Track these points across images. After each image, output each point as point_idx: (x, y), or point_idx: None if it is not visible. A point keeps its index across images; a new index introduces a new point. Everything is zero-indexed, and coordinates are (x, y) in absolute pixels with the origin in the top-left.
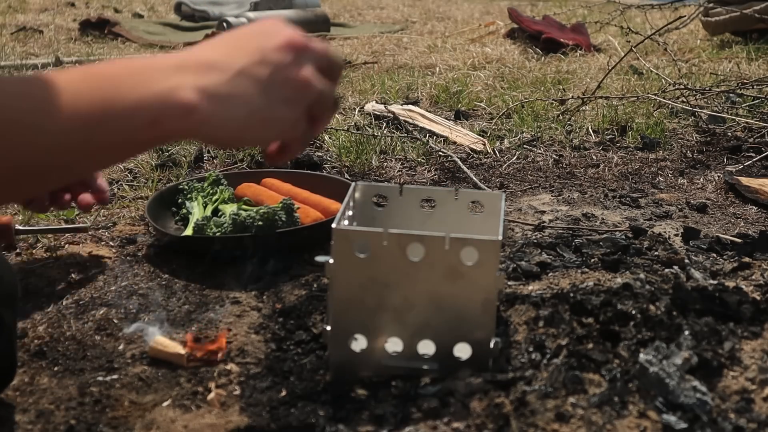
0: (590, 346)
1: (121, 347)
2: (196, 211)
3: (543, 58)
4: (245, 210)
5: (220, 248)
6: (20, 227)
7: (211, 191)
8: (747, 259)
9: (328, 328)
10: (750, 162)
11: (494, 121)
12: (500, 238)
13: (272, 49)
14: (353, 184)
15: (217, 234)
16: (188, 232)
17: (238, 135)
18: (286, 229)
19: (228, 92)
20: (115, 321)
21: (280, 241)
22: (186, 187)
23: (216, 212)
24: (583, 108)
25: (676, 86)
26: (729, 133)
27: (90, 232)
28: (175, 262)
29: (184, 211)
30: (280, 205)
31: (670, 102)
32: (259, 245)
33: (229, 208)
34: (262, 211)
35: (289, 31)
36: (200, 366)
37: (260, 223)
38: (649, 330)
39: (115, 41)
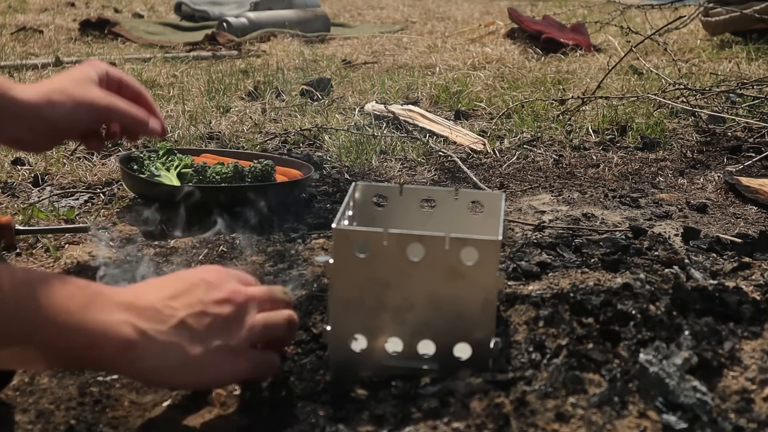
0: (590, 346)
1: None
2: (163, 173)
3: (543, 58)
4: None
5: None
6: (20, 227)
7: (168, 159)
8: (747, 259)
9: (328, 328)
10: (750, 162)
11: (494, 121)
12: (500, 238)
13: (213, 302)
14: (353, 184)
15: (218, 179)
16: (174, 183)
17: (169, 380)
18: (285, 181)
19: (165, 341)
20: None
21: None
22: (141, 155)
23: (182, 176)
24: (583, 108)
25: (676, 86)
26: (729, 133)
27: (90, 232)
28: (175, 261)
29: (147, 174)
30: (264, 162)
31: (670, 102)
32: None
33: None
34: (258, 165)
35: (231, 285)
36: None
37: (258, 175)
38: (649, 330)
39: (115, 41)
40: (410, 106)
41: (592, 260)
